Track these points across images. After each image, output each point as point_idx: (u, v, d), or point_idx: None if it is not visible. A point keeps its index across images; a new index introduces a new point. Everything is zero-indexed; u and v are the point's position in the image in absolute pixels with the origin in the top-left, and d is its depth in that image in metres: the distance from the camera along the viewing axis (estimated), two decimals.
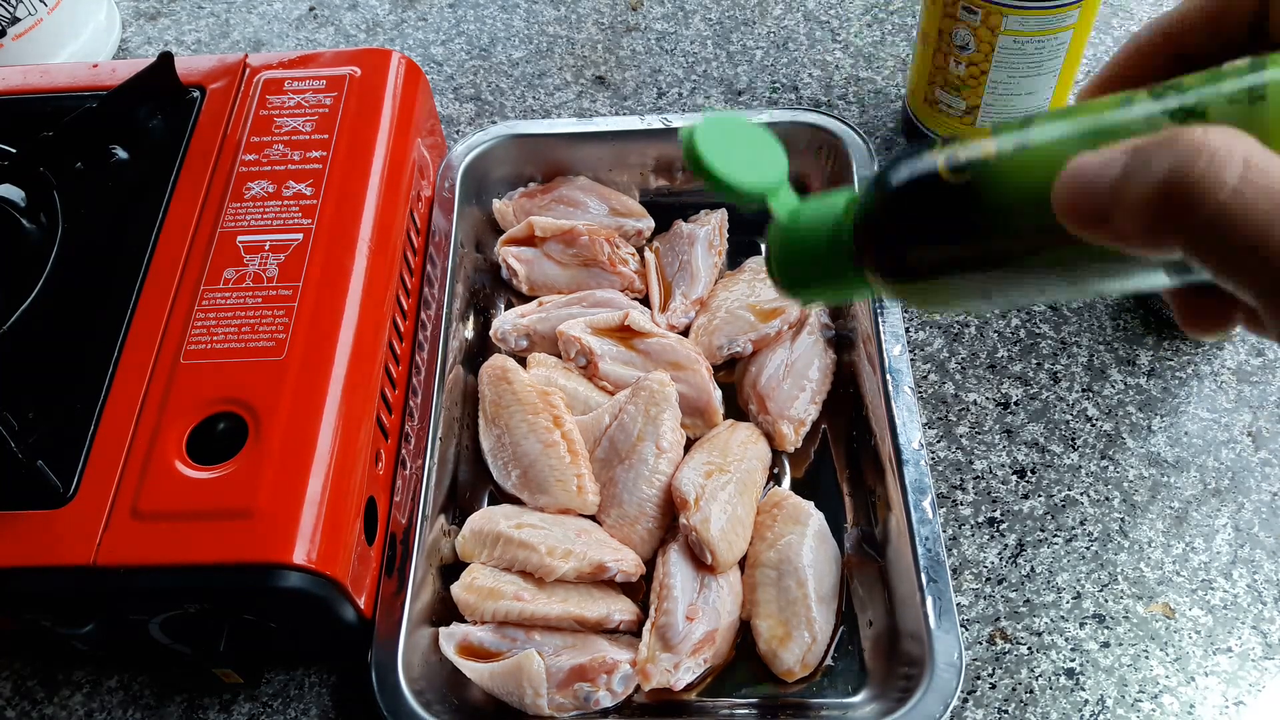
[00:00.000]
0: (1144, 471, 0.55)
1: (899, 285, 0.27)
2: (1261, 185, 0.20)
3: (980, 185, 0.24)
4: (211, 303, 0.50)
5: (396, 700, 0.46)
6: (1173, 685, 0.49)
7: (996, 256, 0.25)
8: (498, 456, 0.56)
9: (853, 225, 0.28)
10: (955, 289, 0.26)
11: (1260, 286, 0.21)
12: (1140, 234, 0.22)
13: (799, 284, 0.30)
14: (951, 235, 0.25)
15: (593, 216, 0.65)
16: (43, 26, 0.74)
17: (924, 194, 0.25)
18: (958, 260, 0.26)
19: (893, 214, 0.26)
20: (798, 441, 0.56)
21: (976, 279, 0.26)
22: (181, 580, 0.43)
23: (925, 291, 0.27)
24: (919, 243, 0.26)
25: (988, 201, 0.24)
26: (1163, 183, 0.21)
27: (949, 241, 0.25)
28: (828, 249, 0.29)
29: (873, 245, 0.27)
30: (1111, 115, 0.23)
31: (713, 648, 0.49)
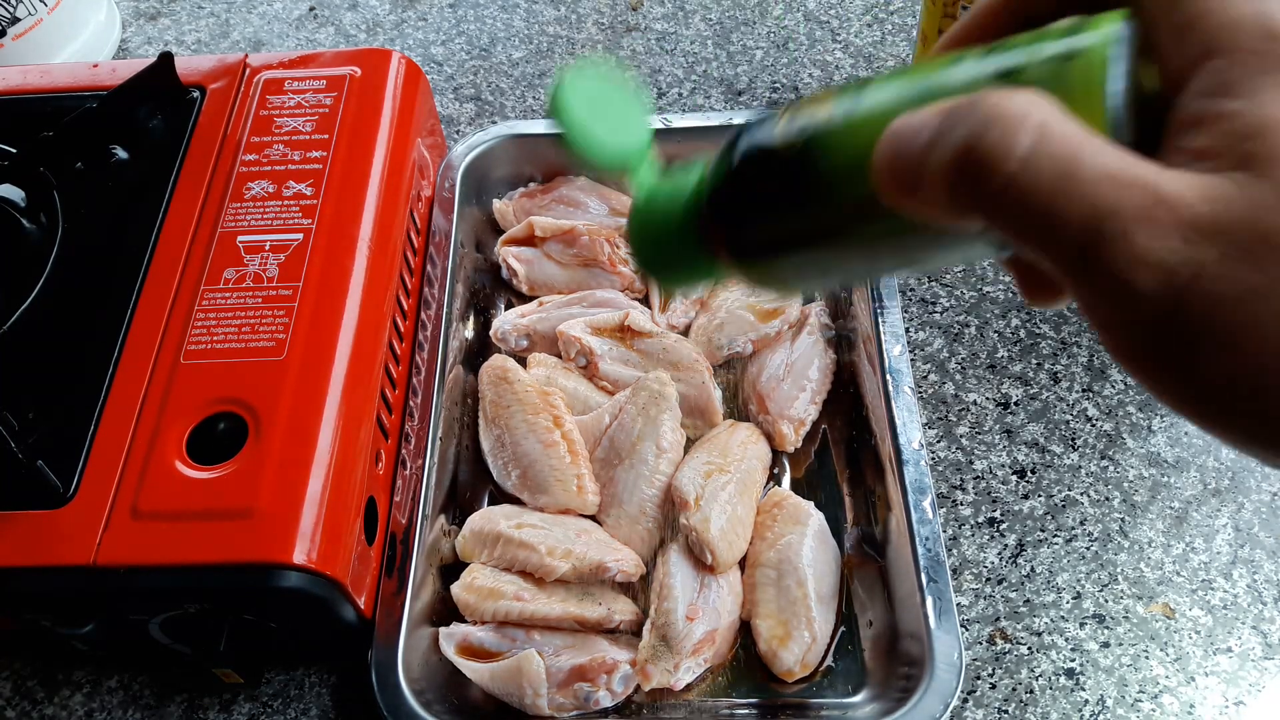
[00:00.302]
0: (1144, 471, 0.55)
1: (741, 264, 0.26)
2: (1051, 154, 0.20)
3: (814, 153, 0.23)
4: (211, 303, 0.50)
5: (396, 700, 0.46)
6: (1173, 685, 0.49)
7: (830, 229, 0.24)
8: (498, 456, 0.56)
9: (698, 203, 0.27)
10: (795, 265, 0.25)
11: (1053, 256, 0.21)
12: (945, 205, 0.21)
13: (655, 264, 0.29)
14: (784, 207, 0.24)
15: (593, 216, 0.65)
16: (43, 26, 0.74)
17: (761, 165, 0.24)
18: (795, 235, 0.24)
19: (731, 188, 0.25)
20: (798, 441, 0.56)
21: (814, 255, 0.25)
22: (181, 580, 0.43)
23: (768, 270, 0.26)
24: (758, 217, 0.25)
25: (820, 170, 0.23)
26: (958, 151, 0.21)
27: (783, 214, 0.24)
28: (678, 227, 0.27)
29: (716, 222, 0.26)
30: (941, 75, 0.22)
31: (713, 648, 0.49)
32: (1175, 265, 0.19)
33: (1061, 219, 0.20)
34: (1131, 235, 0.20)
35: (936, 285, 0.63)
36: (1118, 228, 0.20)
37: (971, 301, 0.62)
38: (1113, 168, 0.20)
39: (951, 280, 0.63)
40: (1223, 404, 0.21)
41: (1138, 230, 0.20)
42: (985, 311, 0.62)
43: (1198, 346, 0.20)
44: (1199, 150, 0.20)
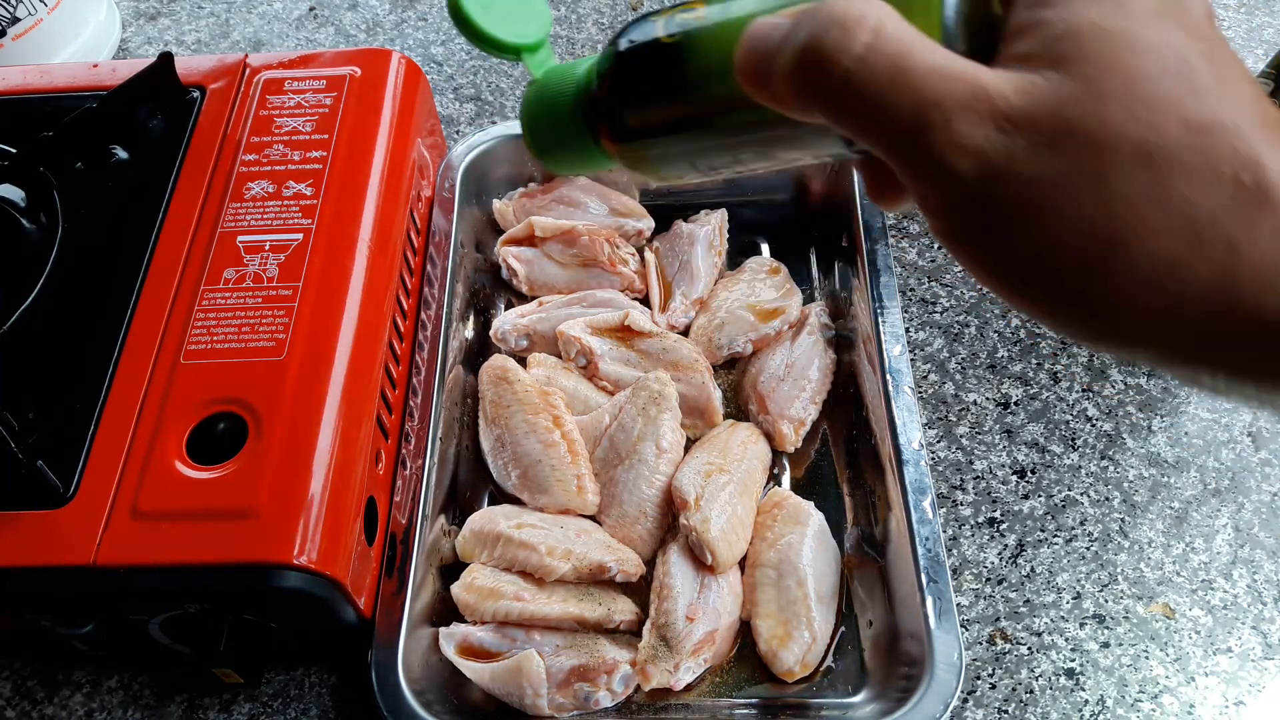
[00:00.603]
0: (1144, 471, 0.55)
1: (620, 146, 0.29)
2: (885, 51, 0.22)
3: (687, 47, 0.26)
4: (211, 303, 0.50)
5: (396, 700, 0.46)
6: (1173, 685, 0.49)
7: (697, 117, 0.27)
8: (498, 456, 0.56)
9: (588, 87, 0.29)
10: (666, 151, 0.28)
11: (886, 146, 0.23)
12: (791, 99, 0.24)
13: (545, 147, 0.31)
14: (659, 93, 0.27)
15: (593, 216, 0.65)
16: (43, 26, 0.74)
17: (642, 53, 0.27)
18: (667, 120, 0.27)
19: (616, 73, 0.28)
20: (798, 441, 0.56)
21: (683, 141, 0.27)
22: (181, 580, 0.43)
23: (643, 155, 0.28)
24: (634, 102, 0.28)
25: (692, 63, 0.26)
26: (801, 48, 0.23)
27: (657, 100, 0.27)
28: (569, 110, 0.30)
29: (599, 105, 0.29)
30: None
31: (713, 648, 0.49)
32: (989, 151, 0.22)
33: (892, 109, 0.22)
34: (953, 123, 0.22)
35: (936, 285, 0.63)
36: (940, 117, 0.22)
37: (971, 301, 0.62)
38: (940, 65, 0.22)
39: (951, 280, 0.63)
40: (1028, 278, 0.23)
41: (958, 118, 0.22)
42: (985, 311, 0.62)
43: (1008, 225, 0.22)
44: (1021, 55, 0.23)
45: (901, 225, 0.66)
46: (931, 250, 0.64)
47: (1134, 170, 0.21)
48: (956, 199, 0.23)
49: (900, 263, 0.64)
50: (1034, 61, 0.22)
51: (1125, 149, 0.21)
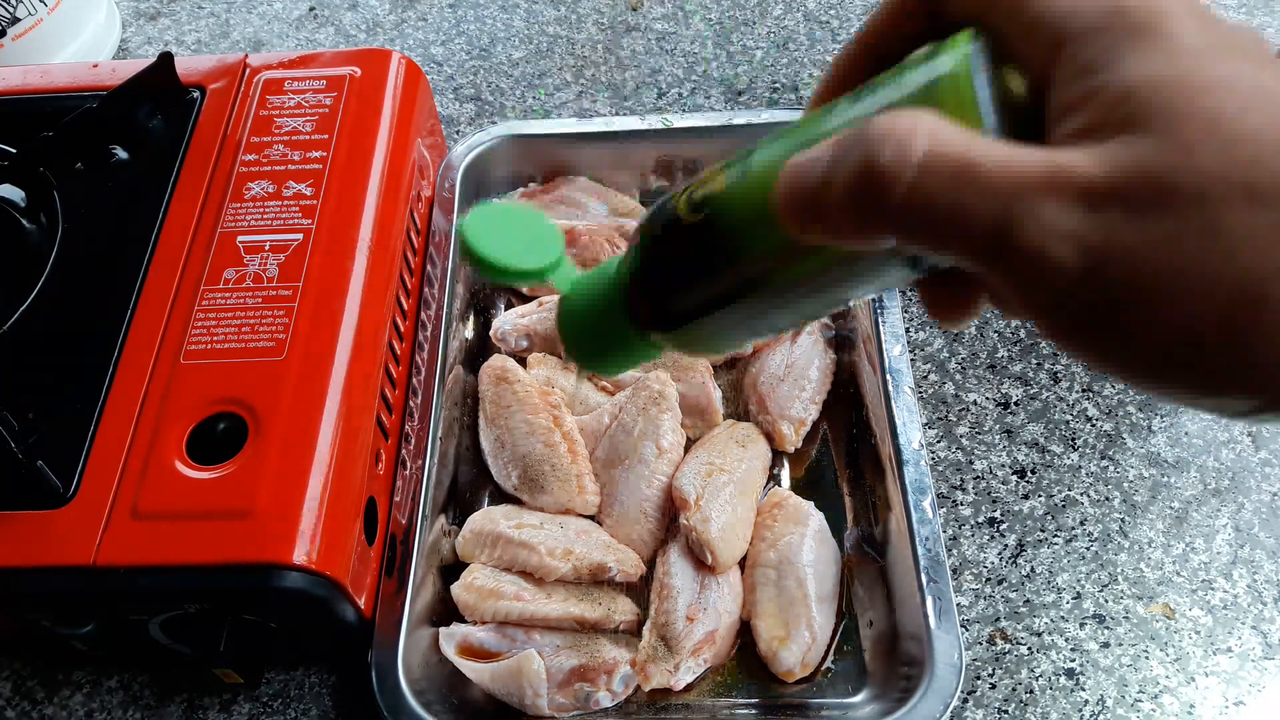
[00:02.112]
0: (1144, 471, 0.55)
1: (671, 334, 0.28)
2: (945, 155, 0.21)
3: (716, 218, 0.25)
4: (211, 303, 0.50)
5: (396, 700, 0.46)
6: (1173, 685, 0.49)
7: (744, 284, 0.26)
8: (498, 456, 0.56)
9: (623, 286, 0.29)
10: (720, 326, 0.27)
11: (967, 253, 0.21)
12: (852, 227, 0.22)
13: (592, 355, 0.31)
14: (700, 273, 0.26)
15: (593, 216, 0.65)
16: (43, 26, 0.74)
17: (672, 239, 0.26)
18: (714, 297, 0.26)
19: (649, 265, 0.27)
20: (798, 441, 0.56)
21: (735, 312, 0.26)
22: (181, 580, 0.43)
23: (696, 336, 0.28)
24: (676, 288, 0.27)
25: (724, 232, 0.25)
26: (858, 172, 0.21)
27: (700, 279, 0.26)
28: (606, 314, 0.29)
29: (640, 300, 0.28)
30: (819, 125, 0.24)
31: (713, 648, 0.49)
32: (1085, 232, 0.20)
33: (968, 214, 0.21)
34: (1038, 212, 0.20)
35: None
36: (1023, 208, 0.20)
37: None
38: (1006, 156, 0.21)
39: None
40: (1165, 360, 0.21)
41: (1043, 206, 0.20)
42: (985, 311, 0.62)
43: (1124, 307, 0.20)
44: (1081, 130, 0.21)
45: None
46: None
47: (1252, 214, 0.19)
48: (1063, 292, 0.21)
49: None
50: (1100, 132, 0.21)
51: (1233, 193, 0.19)
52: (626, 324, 0.29)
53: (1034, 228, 0.20)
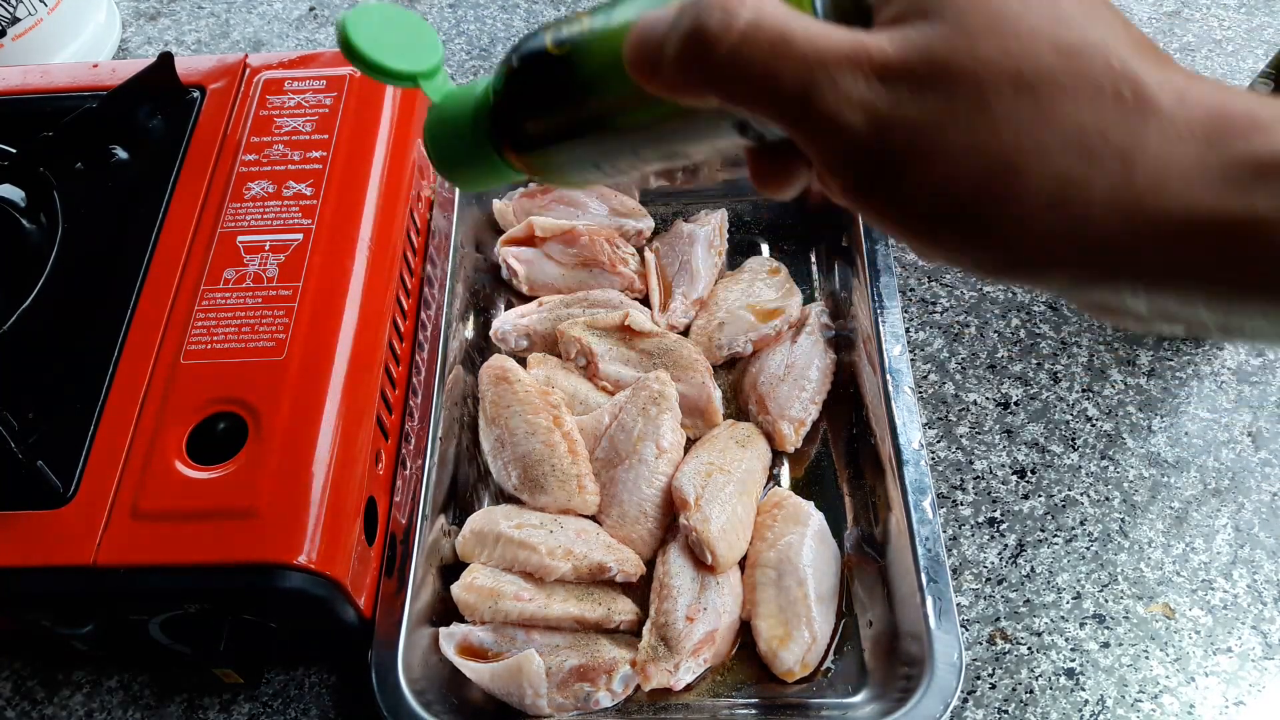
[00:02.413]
0: (1144, 471, 0.55)
1: (524, 157, 0.30)
2: (767, 26, 0.23)
3: (576, 55, 0.28)
4: (211, 303, 0.50)
5: (396, 700, 0.46)
6: (1173, 685, 0.49)
7: (593, 120, 0.28)
8: (498, 456, 0.56)
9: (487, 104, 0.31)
10: (569, 156, 0.29)
11: (777, 114, 0.24)
12: (680, 81, 0.25)
13: (451, 164, 0.33)
14: (556, 102, 0.28)
15: (593, 216, 0.65)
16: (43, 26, 0.74)
17: (535, 67, 0.29)
18: (566, 126, 0.29)
19: (513, 87, 0.29)
20: (798, 441, 0.56)
21: (583, 145, 0.29)
22: (181, 580, 0.43)
23: (546, 162, 0.30)
24: (534, 112, 0.29)
25: (582, 69, 0.27)
26: (687, 32, 0.24)
27: (555, 108, 0.28)
28: (470, 128, 0.31)
29: (500, 119, 0.30)
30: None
31: (713, 648, 0.49)
32: (875, 101, 0.23)
33: (779, 78, 0.23)
34: (838, 81, 0.23)
35: (936, 285, 0.63)
36: (826, 76, 0.23)
37: (971, 301, 0.62)
38: (818, 32, 0.24)
39: (951, 280, 0.63)
40: (932, 219, 0.24)
41: (843, 76, 0.23)
42: (985, 311, 0.62)
43: (902, 171, 0.23)
44: (891, 17, 0.24)
45: None
46: None
47: (1016, 98, 0.22)
48: (852, 152, 0.24)
49: (900, 263, 0.64)
50: (904, 19, 0.24)
51: (1003, 80, 0.22)
52: (486, 141, 0.31)
53: (832, 95, 0.23)
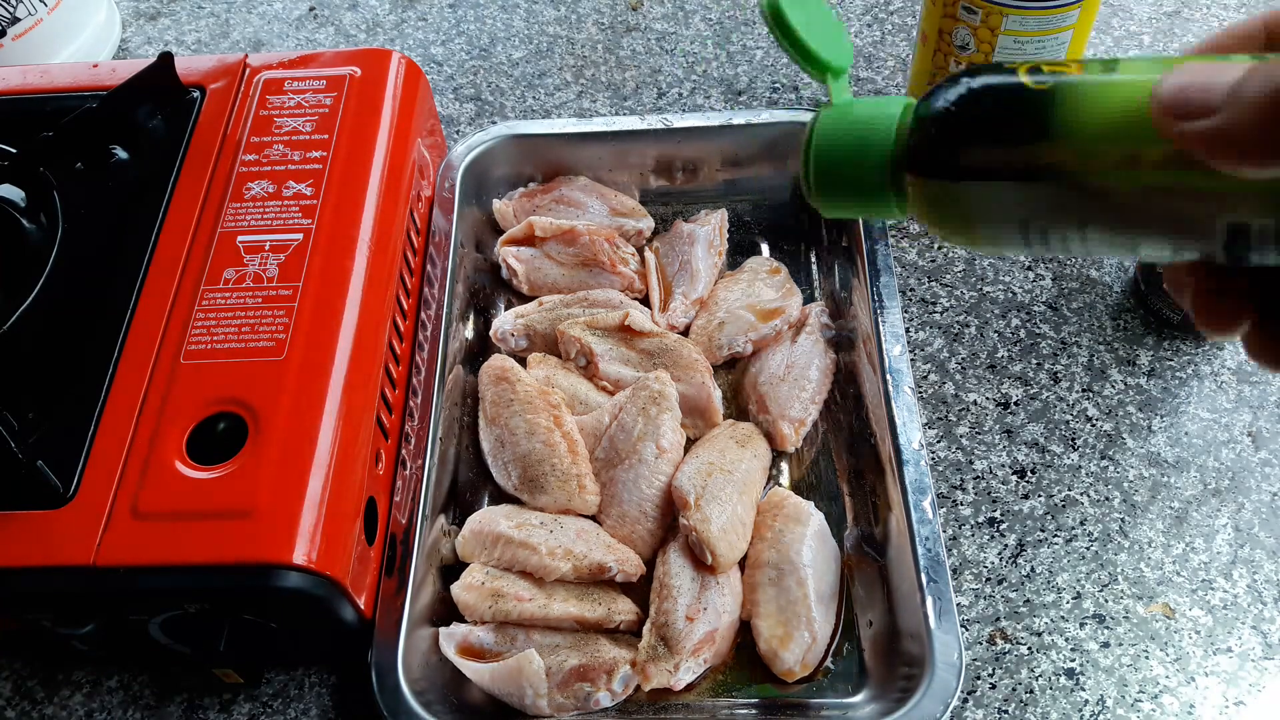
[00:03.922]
0: (1144, 471, 0.55)
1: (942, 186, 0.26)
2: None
3: (1060, 95, 0.24)
4: (211, 303, 0.50)
5: (396, 700, 0.46)
6: (1173, 685, 0.49)
7: (1055, 167, 0.24)
8: (498, 456, 0.56)
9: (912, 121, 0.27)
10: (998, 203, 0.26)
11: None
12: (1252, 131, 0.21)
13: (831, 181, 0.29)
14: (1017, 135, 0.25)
15: (593, 216, 0.65)
16: (43, 26, 0.74)
17: (999, 94, 0.25)
18: (1015, 165, 0.25)
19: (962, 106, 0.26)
20: (798, 441, 0.56)
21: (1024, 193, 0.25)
22: (181, 580, 0.43)
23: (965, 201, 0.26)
24: (983, 138, 0.26)
25: (1064, 109, 0.24)
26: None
27: (1013, 140, 0.25)
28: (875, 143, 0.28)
29: (931, 137, 0.27)
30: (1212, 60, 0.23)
31: (713, 648, 0.49)
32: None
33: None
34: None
35: (936, 285, 0.63)
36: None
37: (971, 301, 0.62)
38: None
39: (951, 280, 0.63)
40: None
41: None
42: (985, 311, 0.62)
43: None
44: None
45: (901, 225, 0.66)
46: (931, 250, 0.64)
47: None
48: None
49: (900, 263, 0.64)
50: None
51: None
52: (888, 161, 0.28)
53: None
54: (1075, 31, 0.57)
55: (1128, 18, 0.77)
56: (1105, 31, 0.76)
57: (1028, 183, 0.25)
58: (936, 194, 0.27)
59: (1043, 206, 0.25)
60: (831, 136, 0.29)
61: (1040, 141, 0.25)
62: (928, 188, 0.27)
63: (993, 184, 0.26)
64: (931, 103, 0.27)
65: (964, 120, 0.26)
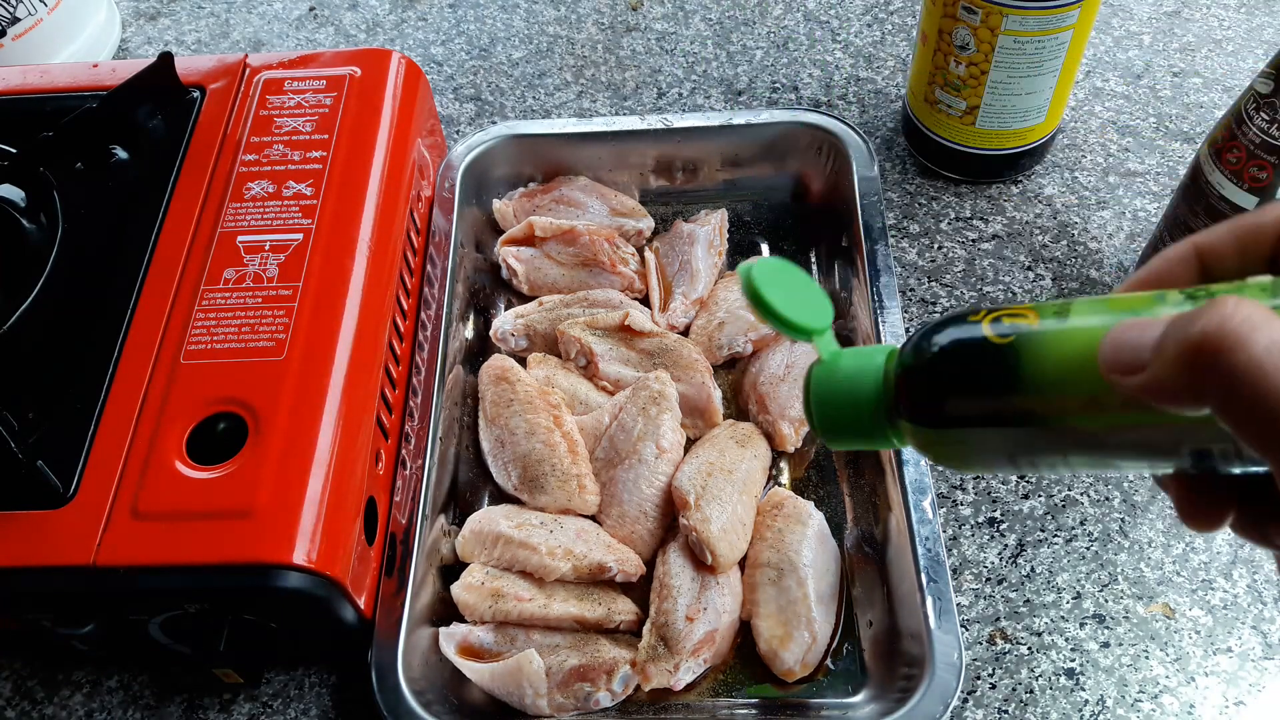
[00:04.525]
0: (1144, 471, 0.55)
1: (931, 432, 0.29)
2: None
3: (1021, 347, 0.27)
4: (211, 303, 0.50)
5: (396, 700, 0.46)
6: (1173, 685, 0.49)
7: (1028, 413, 0.27)
8: (498, 456, 0.56)
9: (895, 371, 0.30)
10: (982, 443, 0.28)
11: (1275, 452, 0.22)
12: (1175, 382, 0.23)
13: (833, 425, 0.32)
14: (990, 388, 0.28)
15: (593, 216, 0.65)
16: (43, 26, 0.74)
17: (968, 349, 0.28)
18: (991, 413, 0.28)
19: (938, 363, 0.29)
20: (798, 441, 0.56)
21: (1004, 435, 0.28)
22: (181, 580, 0.43)
23: (954, 443, 0.29)
24: (960, 392, 0.28)
25: (1027, 361, 0.27)
26: (1201, 333, 0.22)
27: (987, 393, 0.28)
28: (865, 393, 0.31)
29: (914, 391, 0.29)
30: (1148, 308, 0.25)
31: (713, 648, 0.49)
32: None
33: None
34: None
35: (936, 285, 0.63)
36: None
37: (971, 301, 0.62)
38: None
39: (951, 280, 0.63)
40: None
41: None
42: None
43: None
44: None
45: (901, 225, 0.66)
46: (931, 250, 0.64)
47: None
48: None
49: (900, 263, 0.64)
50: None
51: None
52: (879, 407, 0.30)
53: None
54: (1075, 31, 0.57)
55: (1128, 18, 0.77)
56: (1105, 31, 0.76)
57: (1006, 427, 0.28)
58: (928, 437, 0.29)
59: (1023, 444, 0.28)
60: (825, 392, 0.32)
61: (1010, 393, 0.27)
62: (918, 433, 0.29)
63: (974, 430, 0.28)
64: (910, 359, 0.29)
65: (938, 378, 0.29)
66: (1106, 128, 0.70)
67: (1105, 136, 0.70)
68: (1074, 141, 0.70)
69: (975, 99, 0.62)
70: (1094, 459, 0.28)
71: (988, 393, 0.28)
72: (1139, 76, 0.73)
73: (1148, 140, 0.69)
